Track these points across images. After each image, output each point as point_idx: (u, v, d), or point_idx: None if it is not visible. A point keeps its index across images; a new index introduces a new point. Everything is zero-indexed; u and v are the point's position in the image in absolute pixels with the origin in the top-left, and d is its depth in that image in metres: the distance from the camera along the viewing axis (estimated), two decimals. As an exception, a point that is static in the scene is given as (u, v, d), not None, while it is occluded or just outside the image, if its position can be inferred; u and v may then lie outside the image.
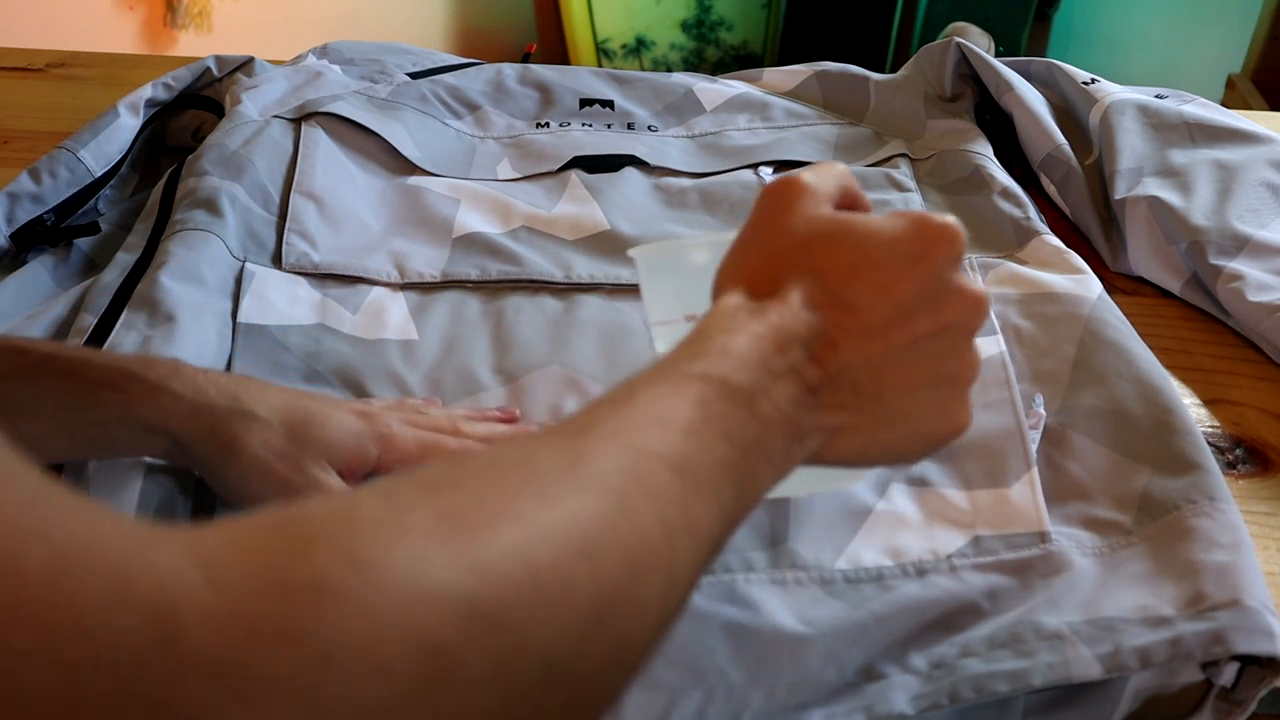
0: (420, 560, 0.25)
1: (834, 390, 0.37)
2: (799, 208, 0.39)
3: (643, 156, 0.76)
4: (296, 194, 0.70)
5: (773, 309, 0.37)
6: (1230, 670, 0.43)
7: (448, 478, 0.29)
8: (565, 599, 0.27)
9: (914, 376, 0.38)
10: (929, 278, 0.38)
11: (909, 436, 0.39)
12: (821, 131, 0.80)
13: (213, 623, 0.22)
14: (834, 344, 0.37)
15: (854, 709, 0.43)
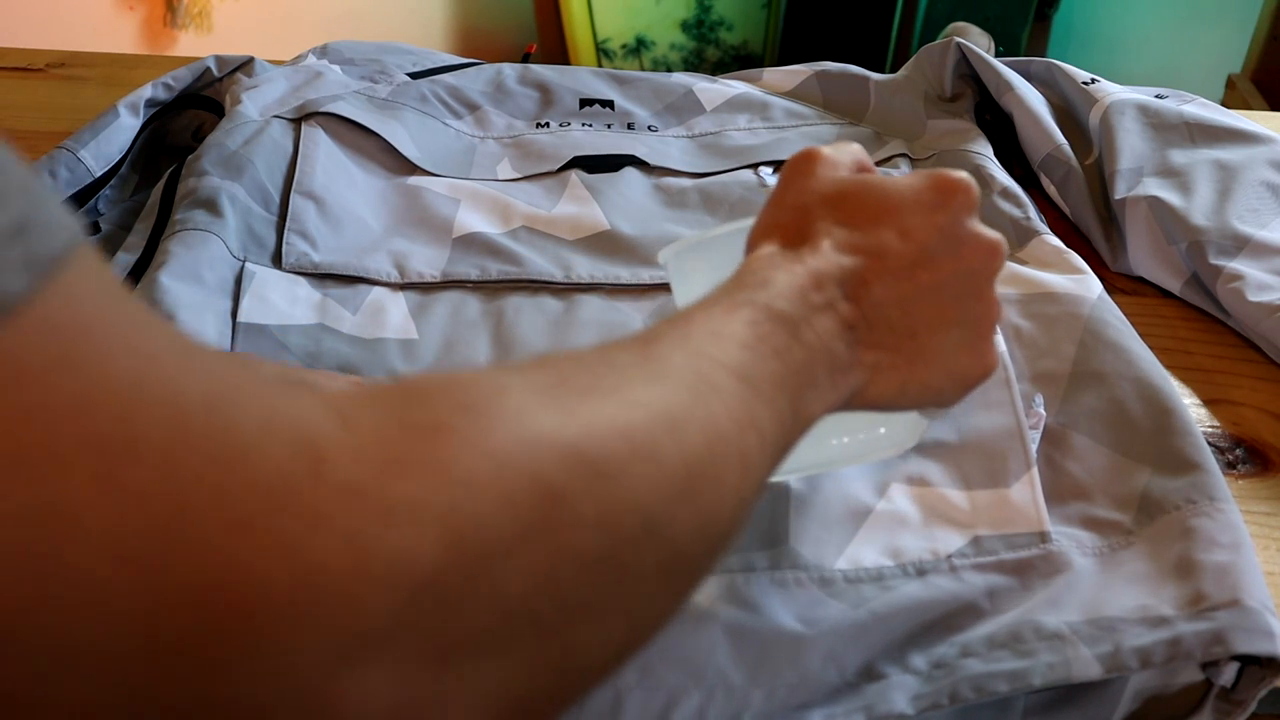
0: (526, 412, 0.27)
1: (870, 328, 0.39)
2: (820, 171, 0.42)
3: (643, 156, 0.76)
4: (296, 194, 0.70)
5: (806, 253, 0.39)
6: (1230, 670, 0.43)
7: (533, 365, 0.31)
8: (656, 462, 0.29)
9: (943, 315, 0.41)
10: (947, 224, 0.41)
11: (943, 374, 0.41)
12: (822, 131, 0.80)
13: (352, 454, 0.24)
14: (865, 283, 0.39)
15: (854, 709, 0.43)
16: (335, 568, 0.22)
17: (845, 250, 0.40)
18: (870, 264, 0.40)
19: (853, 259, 0.40)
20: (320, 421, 0.24)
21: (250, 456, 0.23)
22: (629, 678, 0.43)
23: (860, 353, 0.39)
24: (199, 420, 0.23)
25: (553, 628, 0.26)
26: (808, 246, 0.40)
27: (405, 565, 0.23)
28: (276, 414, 0.24)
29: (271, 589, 0.22)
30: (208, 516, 0.22)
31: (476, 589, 0.24)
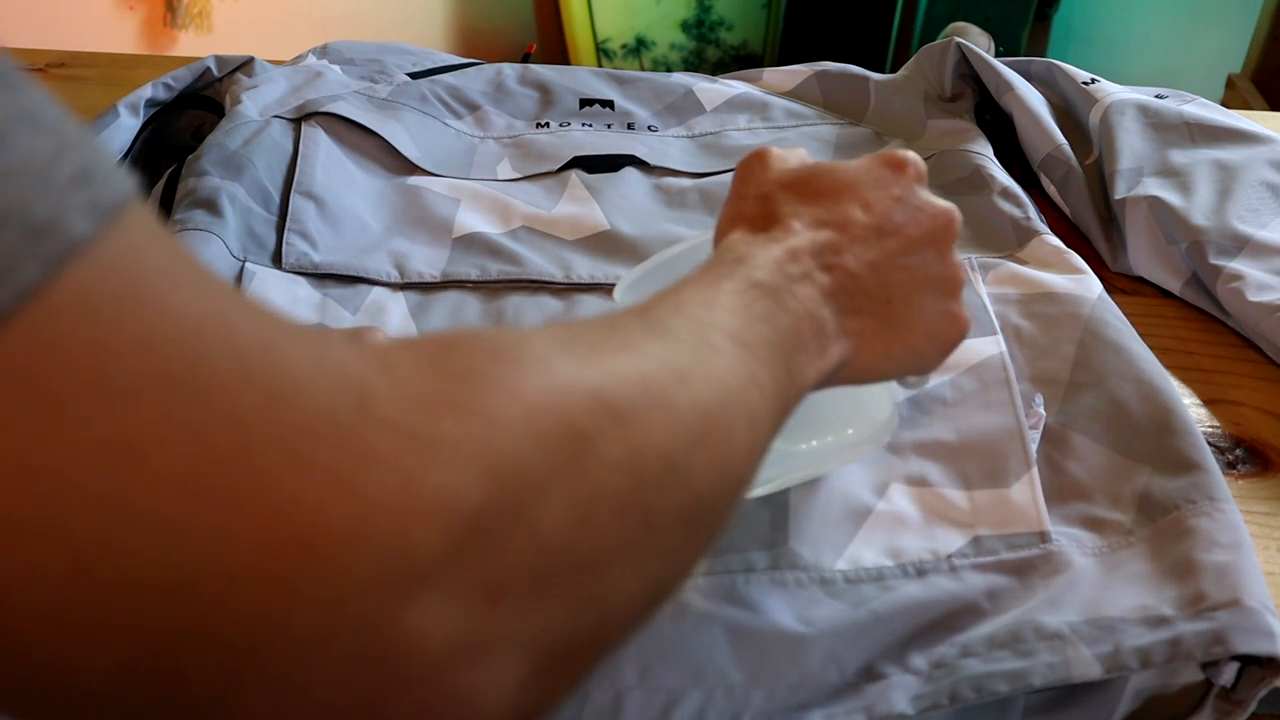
0: (550, 360, 0.28)
1: (848, 296, 0.41)
2: (772, 164, 0.44)
3: (643, 156, 0.76)
4: (296, 194, 0.70)
5: (776, 232, 0.41)
6: (1230, 670, 0.43)
7: (546, 327, 0.32)
8: (673, 410, 0.30)
9: (912, 280, 0.42)
10: (903, 195, 0.43)
11: (923, 337, 0.43)
12: (822, 131, 0.80)
13: (395, 395, 0.25)
14: (838, 252, 0.41)
15: (854, 709, 0.43)
16: (390, 503, 0.23)
17: (813, 225, 0.42)
18: (839, 235, 0.41)
19: (822, 232, 0.41)
20: (364, 365, 0.25)
21: (304, 394, 0.23)
22: (629, 678, 0.43)
23: (844, 320, 0.40)
24: (256, 359, 0.23)
25: (590, 567, 0.27)
26: (777, 227, 0.41)
27: (453, 501, 0.24)
28: (325, 357, 0.25)
29: (331, 523, 0.22)
30: (269, 453, 0.22)
31: (517, 526, 0.25)
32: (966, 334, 0.44)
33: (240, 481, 0.22)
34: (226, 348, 0.23)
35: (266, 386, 0.23)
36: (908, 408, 0.56)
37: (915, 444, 0.54)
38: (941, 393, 0.57)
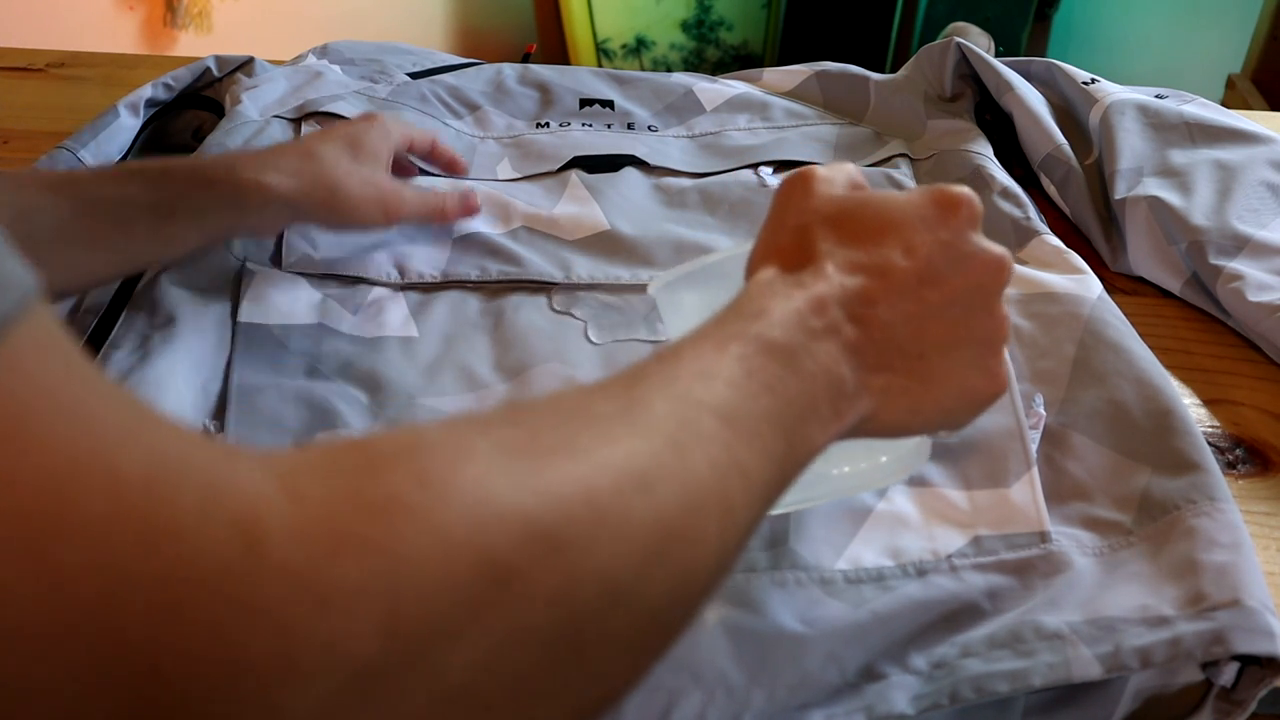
0: (484, 482, 0.26)
1: (877, 351, 0.38)
2: (817, 191, 0.41)
3: (643, 156, 0.76)
4: None
5: (807, 275, 0.38)
6: (1230, 670, 0.43)
7: (505, 417, 0.31)
8: (625, 526, 0.28)
9: (952, 334, 0.40)
10: (951, 240, 0.40)
11: (955, 395, 0.40)
12: (822, 131, 0.80)
13: (294, 534, 0.23)
14: (871, 303, 0.38)
15: (854, 709, 0.43)
16: (265, 657, 0.22)
17: (848, 270, 0.39)
18: (875, 283, 0.39)
19: (856, 279, 0.39)
20: (265, 495, 0.23)
21: (186, 538, 0.22)
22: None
23: (867, 377, 0.38)
24: (136, 498, 0.22)
25: (503, 706, 0.26)
26: (809, 269, 0.39)
27: (339, 654, 0.22)
28: (218, 490, 0.23)
29: (199, 678, 0.21)
30: (138, 601, 0.21)
31: (416, 674, 0.24)
32: (1004, 393, 0.42)
33: (103, 633, 0.21)
34: (104, 484, 0.21)
35: (144, 528, 0.21)
36: None
37: (915, 444, 0.54)
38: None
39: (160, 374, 0.54)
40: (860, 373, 0.38)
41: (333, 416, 0.55)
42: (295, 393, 0.56)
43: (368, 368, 0.58)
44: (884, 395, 0.39)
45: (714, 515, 0.31)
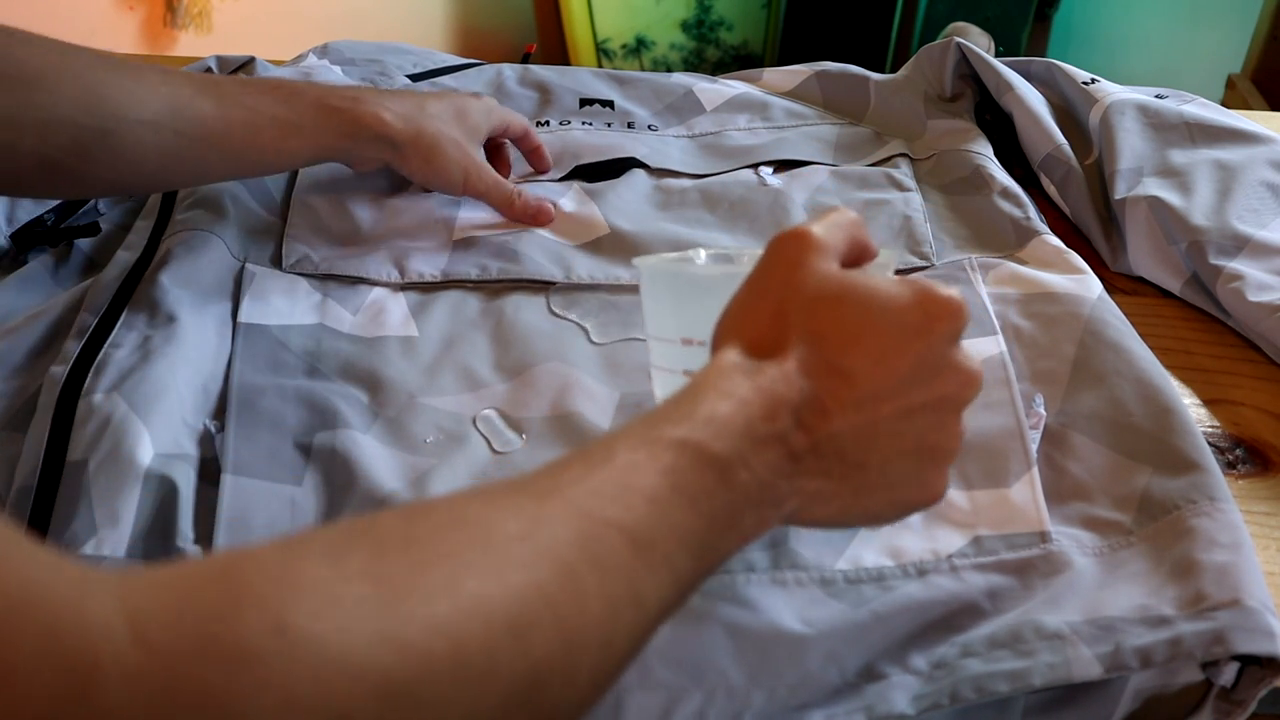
0: (344, 635, 0.26)
1: (819, 457, 0.38)
2: (807, 263, 0.39)
3: (643, 159, 0.76)
4: (297, 194, 0.70)
5: (767, 372, 0.37)
6: (1230, 670, 0.43)
7: (401, 535, 0.30)
8: (490, 676, 0.28)
9: (900, 446, 0.39)
10: (927, 351, 0.38)
11: (886, 503, 0.40)
12: (822, 131, 0.80)
13: (131, 681, 0.22)
14: (825, 412, 0.38)
15: (854, 709, 0.43)
16: None
17: (810, 373, 0.38)
18: (835, 392, 0.38)
19: (816, 383, 0.38)
20: (110, 635, 0.23)
21: (19, 681, 0.21)
22: (629, 678, 0.43)
23: (801, 481, 0.38)
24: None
25: None
26: (774, 361, 0.38)
27: None
28: (62, 629, 0.22)
29: None
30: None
31: None
32: (939, 502, 0.41)
33: None
34: None
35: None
36: None
37: (915, 444, 0.54)
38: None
39: (160, 374, 0.54)
40: (795, 479, 0.37)
41: (333, 417, 0.55)
42: (295, 393, 0.56)
43: (368, 367, 0.58)
44: (813, 499, 0.38)
45: (593, 652, 0.31)
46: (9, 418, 0.55)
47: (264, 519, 0.50)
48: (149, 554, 0.47)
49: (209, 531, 0.49)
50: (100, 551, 0.46)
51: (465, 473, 0.53)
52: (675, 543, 0.34)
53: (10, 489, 0.50)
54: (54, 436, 0.51)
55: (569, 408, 0.56)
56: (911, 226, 0.69)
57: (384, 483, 0.51)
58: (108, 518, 0.47)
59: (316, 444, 0.53)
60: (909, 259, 0.67)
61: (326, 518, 0.50)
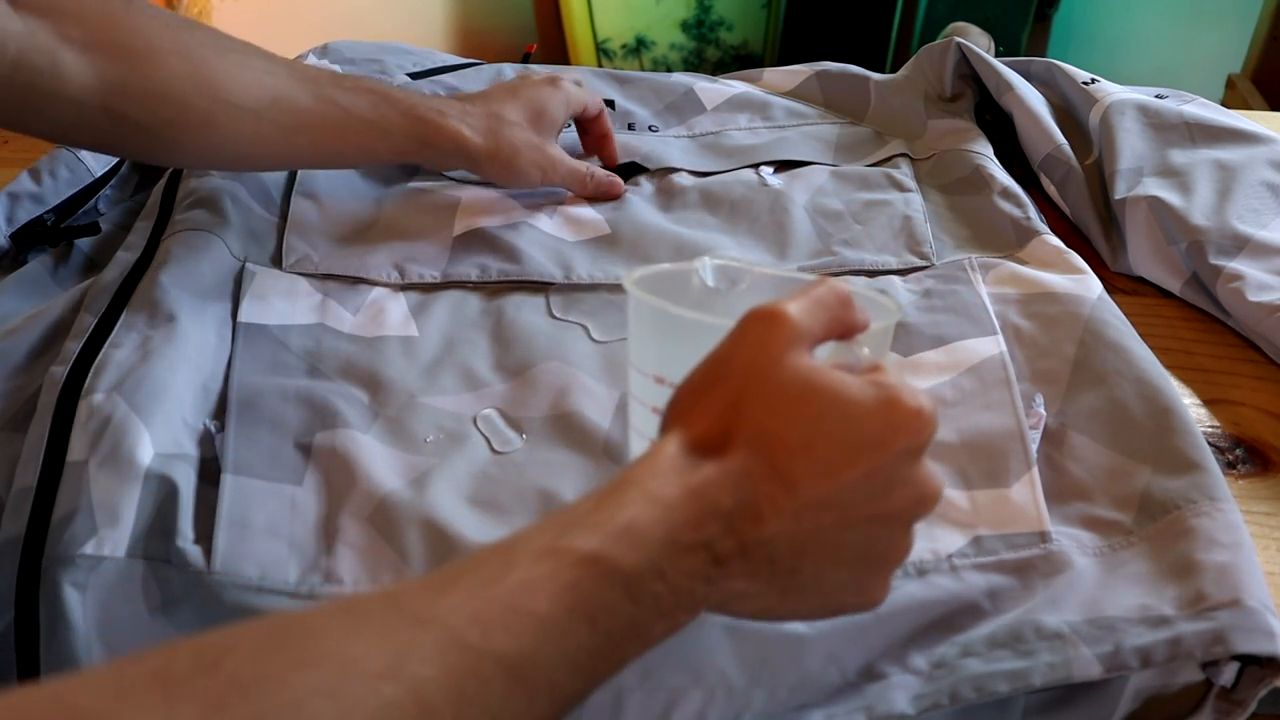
0: None
1: (746, 560, 0.36)
2: (773, 352, 0.37)
3: (642, 161, 0.76)
4: (298, 194, 0.70)
5: (705, 473, 0.35)
6: (1230, 670, 0.43)
7: (248, 677, 0.28)
8: None
9: (838, 556, 0.37)
10: (882, 466, 0.36)
11: (817, 607, 0.39)
12: (822, 131, 0.80)
13: None
14: (760, 518, 0.35)
15: (855, 709, 0.43)
16: None
17: (752, 478, 0.35)
18: (774, 496, 0.36)
19: (757, 489, 0.35)
20: None
21: None
22: (629, 678, 0.43)
23: (723, 584, 0.36)
24: None
25: None
26: (715, 460, 0.36)
27: None
28: None
29: None
30: None
31: None
32: (876, 608, 0.40)
33: None
34: None
35: None
36: None
37: (915, 444, 0.54)
38: (942, 393, 0.57)
39: (160, 374, 0.54)
40: (716, 582, 0.35)
41: (332, 417, 0.55)
42: (296, 393, 0.56)
43: (368, 367, 0.58)
44: (734, 598, 0.37)
45: None
46: (8, 418, 0.55)
47: (264, 518, 0.50)
48: (149, 553, 0.47)
49: (209, 531, 0.49)
50: (101, 551, 0.46)
51: (465, 472, 0.53)
52: (564, 667, 0.32)
53: (9, 489, 0.50)
54: (54, 436, 0.51)
55: (569, 407, 0.56)
56: (912, 226, 0.69)
57: (384, 482, 0.51)
58: (108, 517, 0.47)
59: (317, 444, 0.53)
60: (898, 300, 0.64)
61: (327, 517, 0.50)
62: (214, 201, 0.67)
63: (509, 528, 0.50)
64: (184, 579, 0.47)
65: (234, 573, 0.47)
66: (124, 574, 0.46)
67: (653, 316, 0.44)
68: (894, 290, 0.64)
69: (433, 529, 0.49)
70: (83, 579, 0.45)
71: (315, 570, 0.48)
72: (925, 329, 0.60)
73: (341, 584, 0.47)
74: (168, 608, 0.46)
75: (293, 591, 0.47)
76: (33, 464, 0.50)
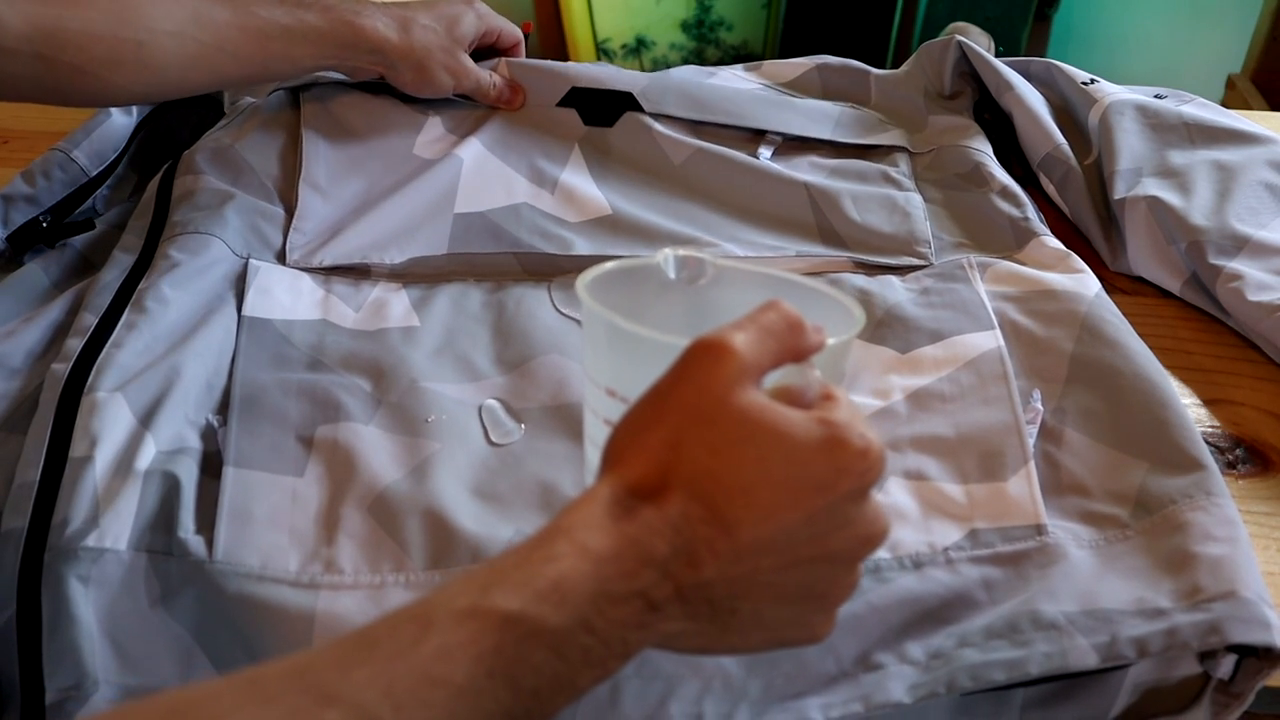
0: None
1: (683, 603, 0.35)
2: (716, 388, 0.35)
3: (640, 94, 0.74)
4: (303, 185, 0.69)
5: (642, 519, 0.34)
6: (1228, 663, 0.44)
7: None
8: None
9: (779, 595, 0.36)
10: (826, 508, 0.35)
11: (759, 642, 0.38)
12: (825, 107, 0.79)
13: None
14: (697, 563, 0.34)
15: (851, 698, 0.43)
16: None
17: (691, 522, 0.34)
18: (712, 542, 0.34)
19: (695, 533, 0.34)
20: None
21: None
22: (627, 668, 0.43)
23: (658, 627, 0.35)
24: None
25: None
26: (652, 504, 0.34)
27: None
28: None
29: None
30: None
31: None
32: (820, 642, 0.39)
33: None
34: None
35: None
36: (906, 405, 0.56)
37: (913, 439, 0.54)
38: (940, 388, 0.57)
39: (163, 373, 0.54)
40: (650, 627, 0.34)
41: (334, 410, 0.55)
42: (298, 387, 0.56)
43: (370, 357, 0.59)
44: (671, 638, 0.36)
45: None
46: (6, 419, 0.55)
47: (265, 510, 0.50)
48: (151, 546, 0.47)
49: (211, 523, 0.49)
50: (102, 544, 0.46)
51: (465, 462, 0.53)
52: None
53: (10, 487, 0.50)
54: (56, 432, 0.51)
55: (568, 399, 0.56)
56: (911, 224, 0.69)
57: (385, 473, 0.51)
58: (110, 511, 0.47)
59: (318, 436, 0.53)
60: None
61: (328, 508, 0.50)
62: (211, 202, 0.66)
63: (508, 518, 0.50)
64: (184, 570, 0.47)
65: (235, 562, 0.47)
66: (126, 567, 0.46)
67: (605, 327, 0.42)
68: (893, 289, 0.64)
69: (433, 519, 0.49)
70: (86, 572, 0.46)
71: (316, 560, 0.48)
72: (924, 324, 0.61)
73: (342, 573, 0.48)
74: (167, 600, 0.46)
75: (293, 580, 0.47)
76: (35, 459, 0.50)
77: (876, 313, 0.62)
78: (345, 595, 0.47)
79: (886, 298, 0.63)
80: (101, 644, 0.45)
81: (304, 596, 0.46)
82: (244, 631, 0.46)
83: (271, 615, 0.46)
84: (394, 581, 0.47)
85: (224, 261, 0.63)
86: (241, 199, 0.67)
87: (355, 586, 0.47)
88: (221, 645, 0.46)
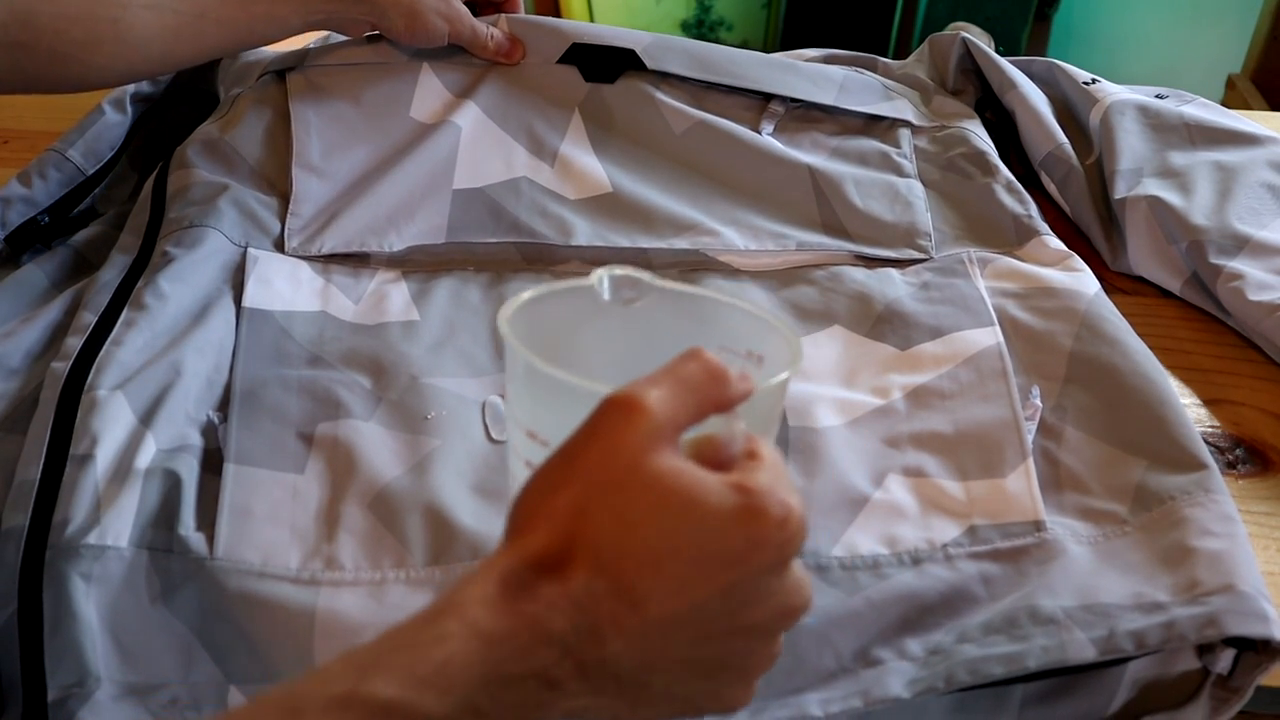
0: None
1: (585, 680, 0.32)
2: (626, 452, 0.33)
3: (642, 52, 0.73)
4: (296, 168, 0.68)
5: (542, 596, 0.32)
6: (1226, 657, 0.44)
7: None
8: None
9: (693, 669, 0.34)
10: (741, 582, 0.33)
11: (675, 713, 0.35)
12: (831, 71, 0.78)
13: None
14: (600, 640, 0.32)
15: (850, 694, 0.43)
16: None
17: (596, 599, 0.32)
18: (618, 618, 0.32)
19: (599, 609, 0.32)
20: None
21: None
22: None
23: (560, 704, 0.32)
24: None
25: None
26: (554, 579, 0.32)
27: None
28: None
29: None
30: None
31: None
32: (739, 710, 0.36)
33: None
34: None
35: None
36: (905, 402, 0.56)
37: (912, 436, 0.54)
38: (939, 385, 0.57)
39: (163, 370, 0.54)
40: (551, 705, 0.32)
41: (334, 407, 0.55)
42: (299, 383, 0.56)
43: (371, 353, 0.58)
44: (577, 713, 0.33)
45: None
46: (6, 418, 0.55)
47: (266, 507, 0.50)
48: (152, 543, 0.47)
49: (211, 520, 0.49)
50: (104, 541, 0.46)
51: (465, 458, 0.53)
52: None
53: (10, 486, 0.50)
54: (56, 430, 0.51)
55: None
56: (913, 215, 0.69)
57: (385, 470, 0.51)
58: (111, 509, 0.47)
59: (319, 434, 0.54)
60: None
61: (328, 505, 0.50)
62: (205, 195, 0.66)
63: (507, 515, 0.50)
64: (185, 567, 0.47)
65: (236, 559, 0.47)
66: (127, 564, 0.46)
67: (524, 366, 0.39)
68: (892, 283, 0.64)
69: (433, 515, 0.49)
70: (87, 569, 0.46)
71: (317, 556, 0.48)
72: (923, 320, 0.61)
73: (343, 570, 0.48)
74: (168, 597, 0.46)
75: (294, 577, 0.47)
76: (35, 458, 0.50)
77: (876, 308, 0.62)
78: (346, 592, 0.47)
79: (886, 293, 0.63)
80: (103, 641, 0.45)
81: (305, 593, 0.46)
82: (245, 628, 0.46)
83: (272, 612, 0.46)
84: (395, 578, 0.47)
85: (222, 252, 0.63)
86: (235, 189, 0.67)
87: (356, 583, 0.47)
88: (222, 642, 0.46)
